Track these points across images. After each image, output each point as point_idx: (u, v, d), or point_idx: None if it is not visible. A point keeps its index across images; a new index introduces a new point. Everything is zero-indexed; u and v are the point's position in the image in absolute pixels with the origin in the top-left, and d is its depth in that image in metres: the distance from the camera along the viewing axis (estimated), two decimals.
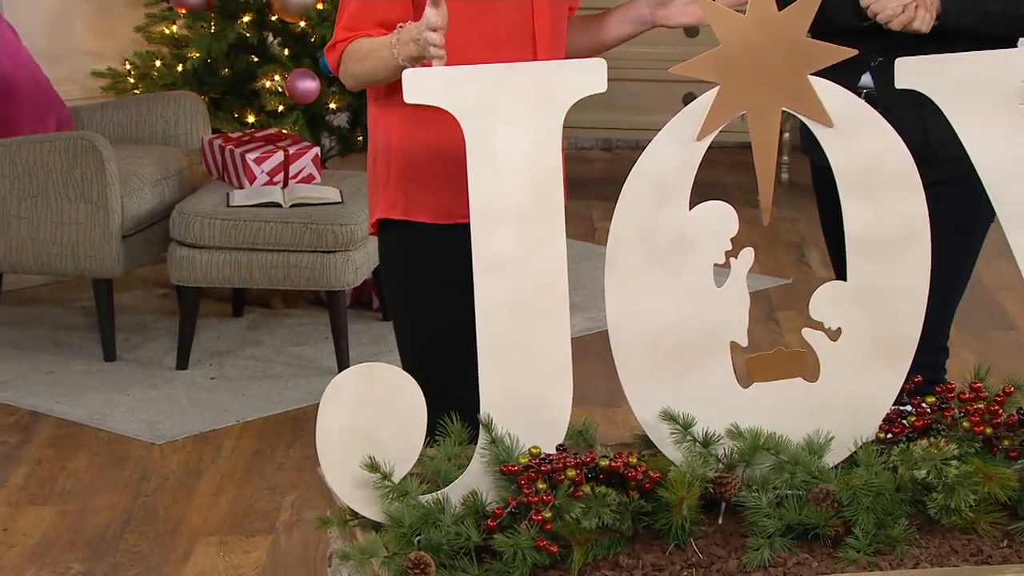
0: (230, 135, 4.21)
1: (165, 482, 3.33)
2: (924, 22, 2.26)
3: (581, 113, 2.13)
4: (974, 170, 1.88)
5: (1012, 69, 1.87)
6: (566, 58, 2.22)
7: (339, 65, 2.19)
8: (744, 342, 1.87)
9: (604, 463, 1.77)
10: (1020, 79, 1.88)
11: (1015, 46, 2.39)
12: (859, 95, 2.33)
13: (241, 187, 4.01)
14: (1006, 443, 1.84)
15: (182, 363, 3.92)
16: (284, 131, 4.30)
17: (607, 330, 1.85)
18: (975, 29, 2.29)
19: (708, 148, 1.83)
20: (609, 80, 1.82)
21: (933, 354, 2.44)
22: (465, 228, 2.17)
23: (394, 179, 2.24)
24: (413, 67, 1.98)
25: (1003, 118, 1.86)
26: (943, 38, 2.26)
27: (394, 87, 2.15)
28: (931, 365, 2.39)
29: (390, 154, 2.24)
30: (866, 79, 2.37)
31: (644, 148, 1.83)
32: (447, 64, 1.97)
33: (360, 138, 4.58)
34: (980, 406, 1.85)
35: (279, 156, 4.03)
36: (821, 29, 1.98)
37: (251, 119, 4.50)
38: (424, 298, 2.25)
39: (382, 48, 2.12)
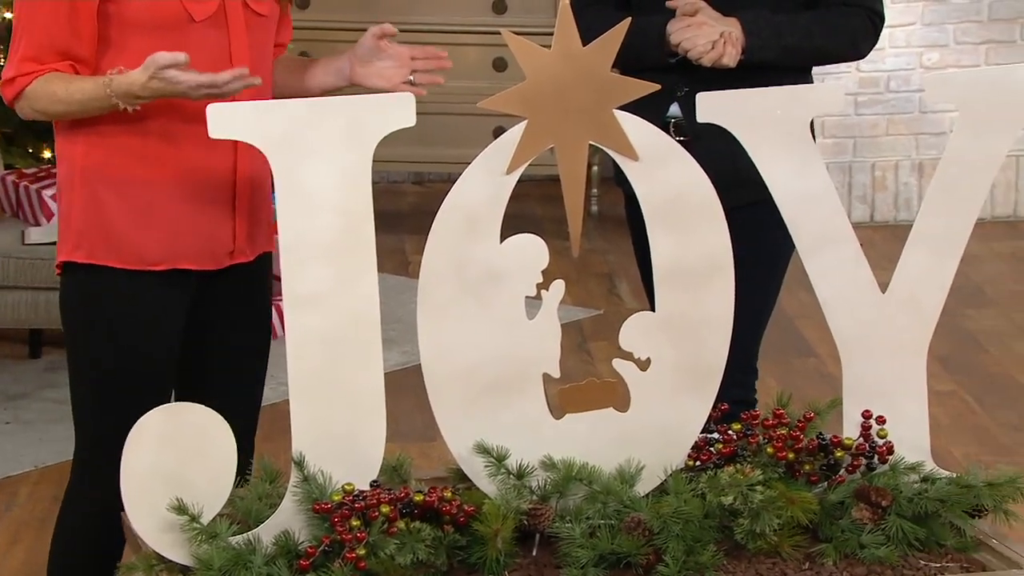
0: (24, 171, 4.09)
1: None
2: (731, 57, 2.37)
3: (392, 147, 2.11)
4: None
5: (803, 104, 1.95)
6: (273, 97, 2.16)
7: (17, 99, 2.06)
8: (556, 373, 1.89)
9: (418, 498, 1.76)
10: (811, 113, 1.96)
11: (811, 78, 2.51)
12: (669, 125, 2.43)
13: (37, 224, 3.89)
14: (807, 467, 1.90)
15: None
16: None
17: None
18: (776, 62, 2.40)
19: (518, 181, 1.84)
20: (419, 114, 1.82)
21: (744, 374, 2.52)
22: (151, 275, 2.09)
23: (77, 219, 2.09)
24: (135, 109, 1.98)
25: (796, 151, 1.93)
26: (745, 70, 2.36)
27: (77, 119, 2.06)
28: (742, 384, 2.49)
29: (73, 192, 2.09)
30: (674, 109, 2.46)
31: (455, 181, 1.83)
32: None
33: None
34: (783, 432, 1.90)
35: None
36: (630, 65, 2.03)
37: (47, 154, 4.36)
38: (108, 345, 2.12)
39: (95, 100, 2.01)
